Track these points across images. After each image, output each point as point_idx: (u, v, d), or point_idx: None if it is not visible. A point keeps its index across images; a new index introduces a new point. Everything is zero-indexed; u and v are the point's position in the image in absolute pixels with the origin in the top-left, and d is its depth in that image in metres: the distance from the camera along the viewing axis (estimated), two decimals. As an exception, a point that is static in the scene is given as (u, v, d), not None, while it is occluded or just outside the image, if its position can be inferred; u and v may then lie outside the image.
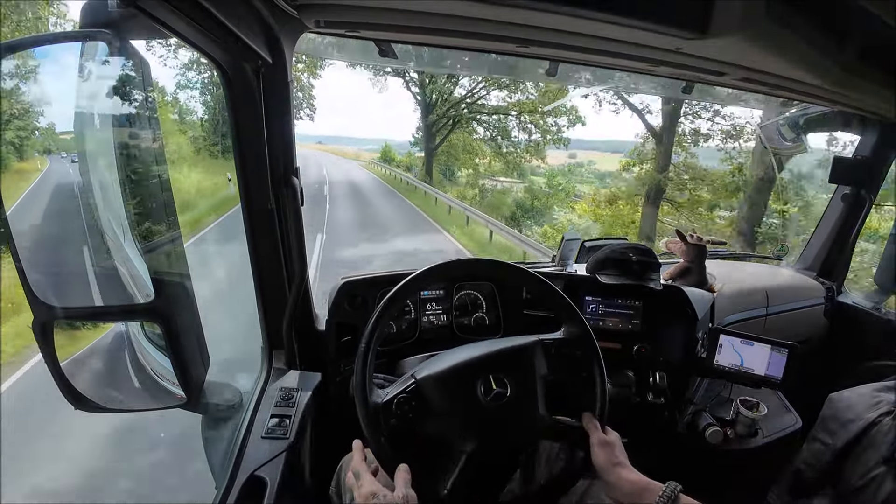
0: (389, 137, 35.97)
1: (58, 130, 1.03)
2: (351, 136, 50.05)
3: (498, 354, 0.91)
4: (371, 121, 63.16)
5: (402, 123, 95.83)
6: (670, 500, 0.74)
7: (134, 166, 0.73)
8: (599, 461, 0.83)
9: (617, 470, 0.81)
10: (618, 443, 0.86)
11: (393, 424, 0.81)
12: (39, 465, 2.88)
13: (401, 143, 23.09)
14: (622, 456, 0.84)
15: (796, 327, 1.85)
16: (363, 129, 69.78)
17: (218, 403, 1.07)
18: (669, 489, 0.75)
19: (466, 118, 18.04)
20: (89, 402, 0.79)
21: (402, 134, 41.29)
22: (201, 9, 0.67)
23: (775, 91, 1.39)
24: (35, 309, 0.68)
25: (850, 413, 1.22)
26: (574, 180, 19.19)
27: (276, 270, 1.19)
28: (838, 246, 2.03)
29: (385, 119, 74.43)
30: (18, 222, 0.67)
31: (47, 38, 0.71)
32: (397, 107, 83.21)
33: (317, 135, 36.66)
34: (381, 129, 75.35)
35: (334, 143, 37.97)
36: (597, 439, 0.85)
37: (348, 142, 40.49)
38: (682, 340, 1.44)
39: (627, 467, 0.82)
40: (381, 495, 0.74)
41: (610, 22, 0.86)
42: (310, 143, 32.04)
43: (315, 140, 34.73)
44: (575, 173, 20.38)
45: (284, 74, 1.01)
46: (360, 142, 38.32)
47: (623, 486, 0.79)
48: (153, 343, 0.90)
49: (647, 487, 0.77)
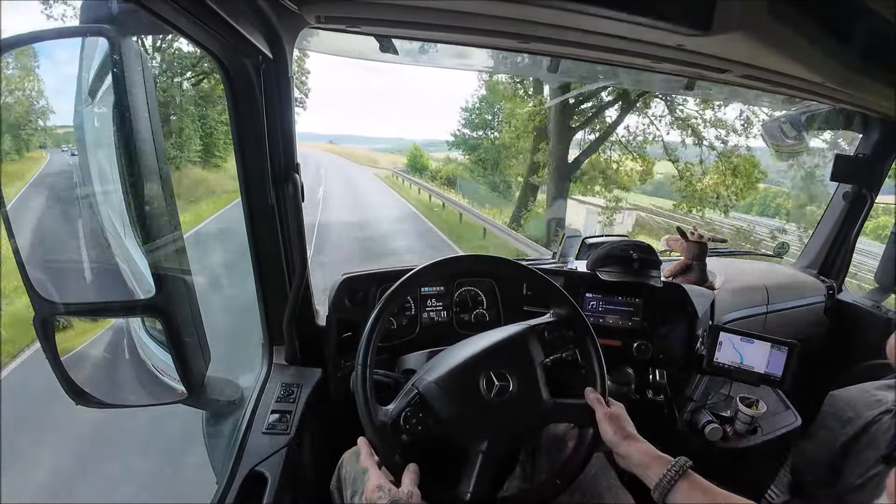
0: (417, 137, 33.94)
1: (58, 125, 1.03)
2: (368, 136, 48.57)
3: (494, 349, 0.92)
4: (392, 117, 62.28)
5: (430, 120, 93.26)
6: (679, 473, 0.75)
7: (134, 161, 0.73)
8: (608, 435, 0.84)
9: (627, 441, 0.82)
10: (623, 413, 0.87)
11: (404, 441, 0.81)
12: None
13: (427, 142, 21.01)
14: (630, 427, 0.85)
15: (796, 325, 1.86)
16: (383, 127, 68.37)
17: (218, 399, 1.07)
18: (679, 462, 0.77)
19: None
20: (90, 398, 0.79)
21: (425, 131, 38.78)
22: (202, 4, 0.66)
23: (777, 88, 1.39)
24: (36, 305, 0.68)
25: (850, 411, 1.22)
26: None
27: (276, 266, 1.19)
28: (839, 244, 2.03)
29: (409, 115, 72.83)
30: (19, 218, 0.67)
31: (48, 33, 0.71)
32: (429, 100, 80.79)
33: (328, 134, 35.67)
34: (406, 126, 73.45)
35: (347, 143, 36.52)
36: (602, 413, 0.86)
37: (361, 141, 39.39)
38: (682, 338, 1.45)
39: (637, 438, 0.83)
40: (386, 489, 0.75)
41: (612, 18, 0.86)
42: (319, 142, 30.50)
43: (326, 139, 33.38)
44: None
45: (285, 70, 1.01)
46: (371, 140, 36.92)
47: (634, 456, 0.81)
48: (154, 339, 0.90)
49: (658, 458, 0.79)
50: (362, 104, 62.28)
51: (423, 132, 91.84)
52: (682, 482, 0.75)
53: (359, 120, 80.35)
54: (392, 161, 21.99)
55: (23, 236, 0.67)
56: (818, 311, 1.97)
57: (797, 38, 0.90)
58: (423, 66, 1.50)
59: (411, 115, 61.17)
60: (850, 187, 1.91)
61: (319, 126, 25.26)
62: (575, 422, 0.92)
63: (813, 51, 0.96)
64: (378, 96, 78.34)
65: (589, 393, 0.90)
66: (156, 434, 3.01)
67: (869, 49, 0.99)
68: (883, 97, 1.36)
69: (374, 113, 61.52)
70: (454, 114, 16.90)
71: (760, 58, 1.09)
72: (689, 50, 1.05)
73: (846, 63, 1.03)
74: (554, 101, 11.92)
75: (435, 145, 19.82)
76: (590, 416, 0.87)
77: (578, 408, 0.89)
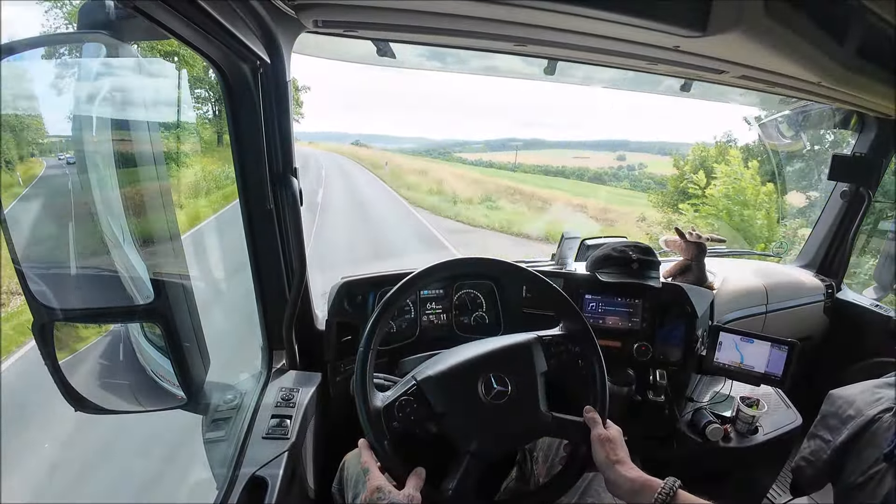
0: (439, 137, 30.97)
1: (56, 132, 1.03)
2: (394, 135, 45.49)
3: (497, 353, 0.91)
4: (416, 118, 59.02)
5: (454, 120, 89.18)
6: (668, 496, 0.74)
7: (132, 167, 0.73)
8: (599, 458, 0.83)
9: (616, 467, 0.81)
10: (618, 438, 0.86)
11: (395, 427, 0.81)
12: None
13: (456, 142, 18.80)
14: (622, 452, 0.84)
15: (796, 324, 1.86)
16: (407, 128, 64.84)
17: (218, 404, 1.07)
18: (668, 486, 0.75)
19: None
20: (89, 404, 0.79)
21: (450, 132, 34.08)
22: (199, 9, 0.66)
23: (774, 88, 1.40)
24: (34, 311, 0.68)
25: (850, 410, 1.22)
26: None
27: (275, 270, 1.19)
28: (837, 243, 2.04)
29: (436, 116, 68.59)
30: (17, 224, 0.67)
31: (45, 39, 0.71)
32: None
33: (355, 133, 32.96)
34: (432, 127, 67.66)
35: (377, 143, 33.53)
36: (597, 435, 0.85)
37: (388, 141, 36.34)
38: (682, 338, 1.44)
39: (626, 464, 0.82)
40: (386, 491, 0.74)
41: (608, 20, 0.87)
42: (330, 143, 27.28)
43: (352, 139, 30.93)
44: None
45: (283, 74, 1.01)
46: (398, 140, 33.45)
47: (621, 484, 0.79)
48: (153, 344, 0.90)
49: (646, 485, 0.77)
50: (387, 105, 62.44)
51: (449, 133, 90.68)
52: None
53: (383, 120, 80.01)
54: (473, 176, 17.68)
55: (21, 242, 0.67)
56: (818, 311, 1.97)
57: (794, 38, 0.90)
58: (421, 70, 1.50)
59: (438, 116, 61.01)
60: (847, 186, 1.92)
61: (345, 126, 24.89)
62: (569, 438, 0.91)
63: (810, 50, 0.96)
64: (400, 97, 78.73)
65: (587, 412, 0.89)
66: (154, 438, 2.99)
67: (866, 48, 1.00)
68: (880, 96, 1.36)
69: (399, 113, 61.22)
70: (483, 116, 15.76)
71: (757, 58, 1.09)
72: (686, 51, 1.05)
73: (843, 62, 1.03)
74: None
75: (461, 146, 18.94)
76: (584, 435, 0.87)
77: (574, 425, 0.89)
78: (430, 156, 23.38)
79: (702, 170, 8.78)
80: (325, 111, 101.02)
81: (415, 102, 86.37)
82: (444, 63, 1.43)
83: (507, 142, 16.09)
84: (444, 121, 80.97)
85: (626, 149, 18.94)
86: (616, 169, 19.65)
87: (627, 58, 1.18)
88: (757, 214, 6.18)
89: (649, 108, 16.11)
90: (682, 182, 10.10)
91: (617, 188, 16.57)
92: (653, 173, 19.41)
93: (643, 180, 18.88)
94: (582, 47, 1.12)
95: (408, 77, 43.35)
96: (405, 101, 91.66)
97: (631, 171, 19.67)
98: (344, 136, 26.13)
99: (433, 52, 1.30)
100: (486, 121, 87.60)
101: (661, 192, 11.85)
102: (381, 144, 36.30)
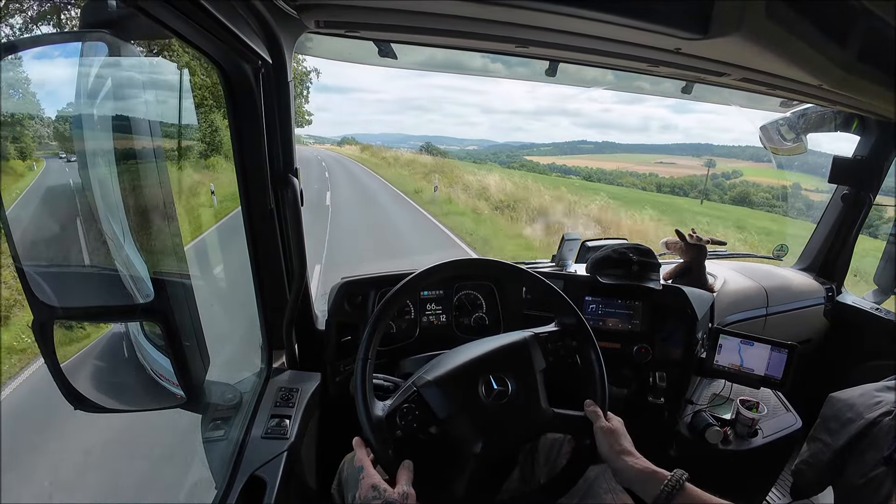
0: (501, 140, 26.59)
1: (57, 131, 1.03)
2: (460, 137, 42.96)
3: (495, 353, 0.91)
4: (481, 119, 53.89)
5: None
6: (675, 487, 0.74)
7: (133, 166, 0.73)
8: (604, 449, 0.84)
9: (622, 457, 0.81)
10: (621, 429, 0.87)
11: (398, 436, 0.81)
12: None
13: (521, 144, 15.14)
14: (626, 442, 0.84)
15: (796, 327, 1.86)
16: (470, 129, 57.92)
17: (217, 404, 1.06)
18: (675, 477, 0.76)
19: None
20: (89, 403, 0.79)
21: (513, 135, 30.07)
22: (201, 9, 0.67)
23: (775, 91, 1.40)
24: (35, 309, 0.68)
25: (850, 413, 1.22)
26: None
27: (275, 270, 1.19)
28: (838, 246, 2.03)
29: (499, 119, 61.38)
30: (18, 223, 0.67)
31: (47, 38, 0.71)
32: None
33: (379, 133, 29.76)
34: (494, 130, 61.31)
35: (442, 145, 28.41)
36: (600, 427, 0.86)
37: (452, 142, 32.43)
38: (681, 340, 1.44)
39: (633, 454, 0.82)
40: (381, 489, 0.74)
41: (609, 22, 0.87)
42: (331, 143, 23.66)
43: (378, 140, 27.48)
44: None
45: (284, 74, 1.01)
46: (462, 141, 30.50)
47: (629, 473, 0.80)
48: (153, 343, 0.89)
49: (653, 475, 0.78)
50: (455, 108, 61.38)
51: (512, 136, 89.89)
52: (679, 497, 0.74)
53: (451, 123, 79.30)
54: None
55: (21, 241, 0.67)
56: (818, 313, 1.97)
57: (795, 41, 0.90)
58: (421, 71, 1.50)
59: (498, 117, 60.22)
60: (847, 189, 1.92)
61: (411, 127, 24.38)
62: (572, 433, 0.91)
63: (811, 53, 0.96)
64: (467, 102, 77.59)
65: (588, 405, 0.89)
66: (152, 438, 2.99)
67: (867, 51, 1.00)
68: (881, 99, 1.36)
69: (466, 115, 59.91)
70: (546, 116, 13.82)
71: (758, 60, 1.09)
72: (687, 53, 1.05)
73: (844, 65, 1.03)
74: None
75: (527, 149, 17.16)
76: (587, 429, 0.87)
77: (576, 419, 0.89)
78: (495, 160, 19.60)
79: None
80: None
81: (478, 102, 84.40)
82: (445, 64, 1.43)
83: (576, 144, 14.83)
84: (506, 122, 78.89)
85: (711, 153, 16.88)
86: (712, 177, 16.15)
87: (629, 59, 1.18)
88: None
89: (725, 111, 13.41)
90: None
91: (746, 207, 12.30)
92: (757, 182, 15.95)
93: (758, 193, 15.32)
94: (583, 49, 1.12)
95: (468, 80, 41.69)
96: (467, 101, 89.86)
97: (727, 179, 16.83)
98: (411, 137, 24.59)
99: (434, 52, 1.30)
100: (549, 121, 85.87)
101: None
102: (443, 146, 34.32)
